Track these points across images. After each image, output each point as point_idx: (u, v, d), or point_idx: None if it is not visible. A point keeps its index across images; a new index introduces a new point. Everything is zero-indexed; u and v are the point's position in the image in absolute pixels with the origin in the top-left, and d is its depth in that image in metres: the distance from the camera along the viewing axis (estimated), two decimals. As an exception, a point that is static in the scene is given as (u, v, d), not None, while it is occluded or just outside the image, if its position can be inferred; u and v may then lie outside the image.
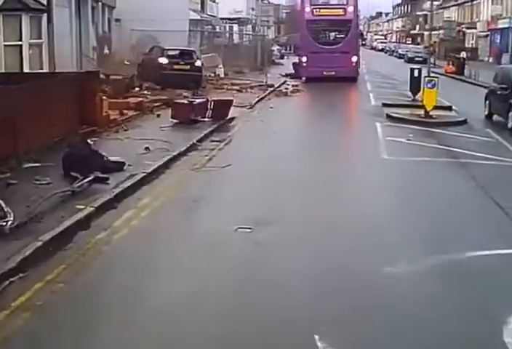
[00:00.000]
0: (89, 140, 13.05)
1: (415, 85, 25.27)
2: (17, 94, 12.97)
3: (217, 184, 12.64)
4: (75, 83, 15.88)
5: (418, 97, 25.03)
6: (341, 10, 36.69)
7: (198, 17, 48.71)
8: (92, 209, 10.27)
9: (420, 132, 18.98)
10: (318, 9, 36.74)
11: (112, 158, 13.23)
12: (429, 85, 21.23)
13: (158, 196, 11.47)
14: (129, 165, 13.15)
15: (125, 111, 19.73)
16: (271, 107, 24.77)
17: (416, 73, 25.49)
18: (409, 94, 26.33)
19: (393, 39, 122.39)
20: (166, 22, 38.08)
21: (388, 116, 21.83)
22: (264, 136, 18.21)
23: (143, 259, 8.50)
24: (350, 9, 36.70)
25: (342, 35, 36.82)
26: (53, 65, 22.04)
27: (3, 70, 18.69)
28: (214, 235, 9.45)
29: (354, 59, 36.23)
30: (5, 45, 18.97)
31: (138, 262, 8.43)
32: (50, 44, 21.57)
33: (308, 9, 36.76)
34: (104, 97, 21.45)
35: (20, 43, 19.32)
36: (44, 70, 19.84)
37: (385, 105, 24.84)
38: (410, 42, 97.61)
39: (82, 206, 10.26)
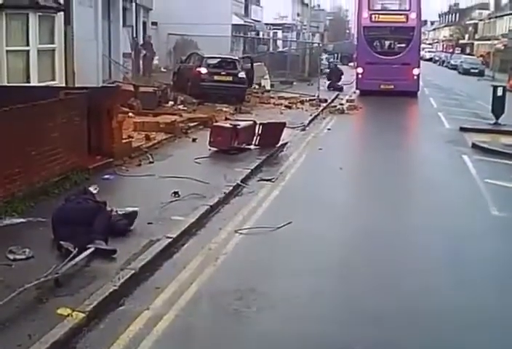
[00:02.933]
0: (91, 188, 9.30)
1: (499, 106, 21.43)
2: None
3: (272, 259, 8.79)
4: (84, 101, 12.10)
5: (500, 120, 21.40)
6: (403, 16, 32.76)
7: (242, 22, 45.11)
8: (81, 315, 6.54)
9: (523, 171, 15.01)
10: (377, 15, 32.78)
11: (126, 210, 9.57)
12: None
13: (186, 285, 7.64)
14: (148, 223, 9.47)
15: (153, 135, 16.01)
16: (329, 129, 20.76)
17: (500, 92, 21.59)
18: (490, 115, 22.28)
19: (439, 48, 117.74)
20: (206, 26, 35.05)
21: (475, 146, 17.75)
22: (326, 173, 14.32)
23: None
24: (413, 15, 32.68)
25: (403, 45, 32.89)
26: (71, 76, 18.62)
27: (5, 83, 15.08)
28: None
29: (416, 71, 32.23)
30: (8, 51, 15.30)
31: None
32: (68, 50, 18.14)
33: (365, 14, 32.82)
34: (130, 114, 18.08)
35: (26, 48, 15.66)
36: (55, 82, 16.19)
37: (463, 129, 20.88)
38: (459, 52, 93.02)
39: (66, 311, 6.54)
